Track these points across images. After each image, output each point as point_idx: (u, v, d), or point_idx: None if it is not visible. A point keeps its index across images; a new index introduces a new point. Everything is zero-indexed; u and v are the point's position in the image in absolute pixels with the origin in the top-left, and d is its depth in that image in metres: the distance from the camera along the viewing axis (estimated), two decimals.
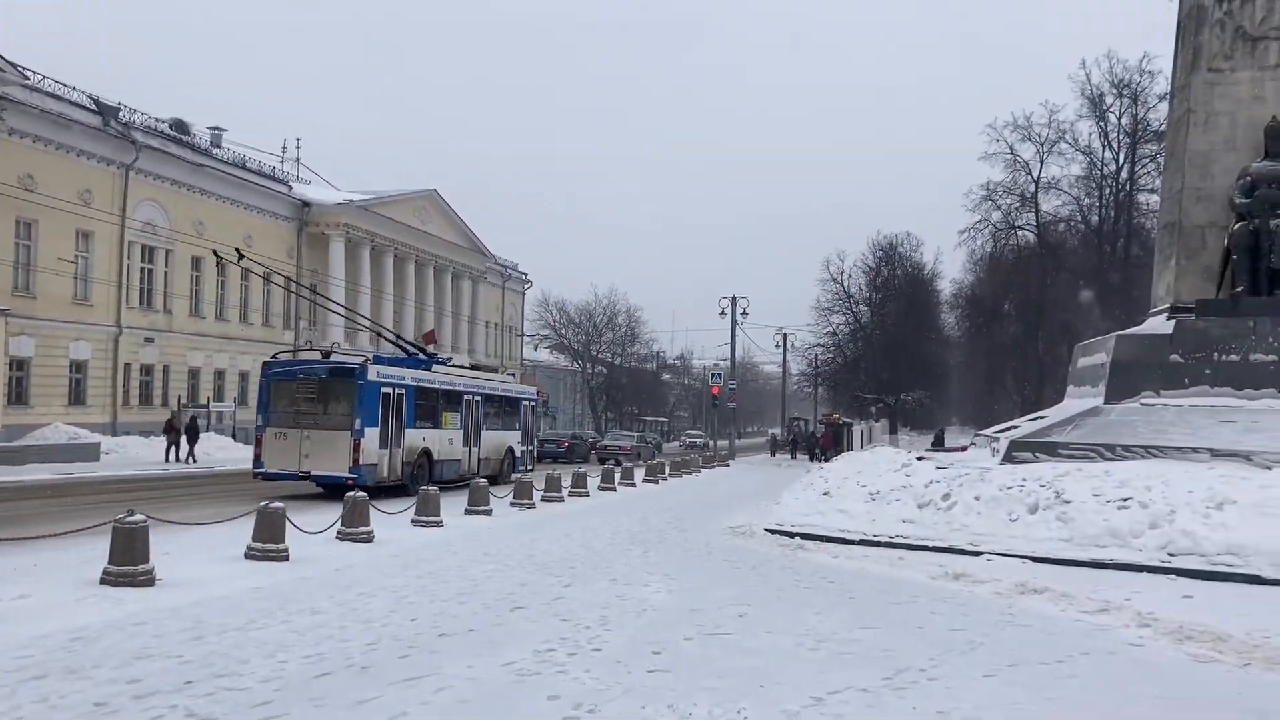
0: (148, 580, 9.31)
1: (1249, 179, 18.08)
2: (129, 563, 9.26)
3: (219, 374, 43.92)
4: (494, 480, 22.08)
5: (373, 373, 20.34)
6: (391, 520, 14.56)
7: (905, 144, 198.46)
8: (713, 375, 60.70)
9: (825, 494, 16.95)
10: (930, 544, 13.67)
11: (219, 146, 45.75)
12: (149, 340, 39.13)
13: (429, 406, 22.49)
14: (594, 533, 15.50)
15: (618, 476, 26.08)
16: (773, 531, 15.40)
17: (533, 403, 29.73)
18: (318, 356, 21.35)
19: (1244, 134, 18.67)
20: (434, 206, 58.88)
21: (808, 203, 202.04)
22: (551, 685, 6.40)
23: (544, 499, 20.33)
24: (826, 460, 33.97)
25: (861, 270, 63.79)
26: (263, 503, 11.63)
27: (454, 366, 26.18)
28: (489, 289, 67.70)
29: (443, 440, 23.07)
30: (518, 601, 9.37)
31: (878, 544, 14.05)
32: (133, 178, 38.27)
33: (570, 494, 21.86)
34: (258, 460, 20.33)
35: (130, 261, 38.73)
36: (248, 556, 11.12)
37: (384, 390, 20.51)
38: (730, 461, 47.08)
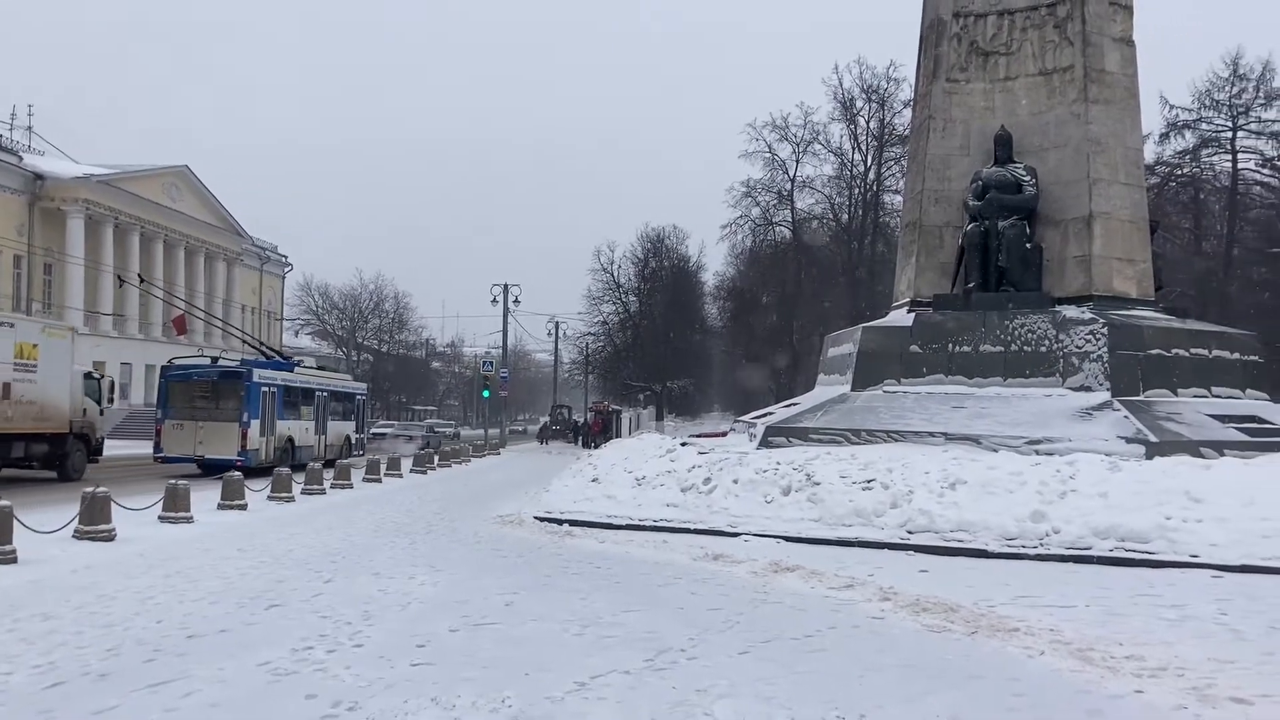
0: None
1: (980, 183, 19.59)
2: None
3: None
4: (330, 464, 25.04)
5: (257, 375, 25.23)
6: (136, 517, 13.66)
7: (673, 140, 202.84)
8: (484, 363, 60.24)
9: (594, 480, 17.18)
10: (692, 526, 14.11)
11: None
12: None
13: (293, 402, 27.35)
14: (357, 526, 15.09)
15: (384, 467, 25.49)
16: (542, 519, 15.47)
17: (364, 397, 34.76)
18: (206, 362, 25.73)
19: (977, 141, 20.23)
20: (186, 184, 55.51)
21: (580, 192, 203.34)
22: (310, 684, 6.20)
23: (304, 492, 19.61)
24: (596, 447, 34.42)
25: (631, 261, 65.07)
26: None
27: (306, 369, 31.01)
28: (246, 271, 64.51)
29: (302, 430, 27.91)
30: (274, 599, 9.00)
31: (643, 528, 14.38)
32: None
33: (333, 486, 21.20)
34: (158, 446, 24.64)
35: None
36: None
37: (263, 389, 25.26)
38: (501, 450, 46.92)
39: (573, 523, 14.96)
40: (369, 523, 15.51)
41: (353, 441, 32.19)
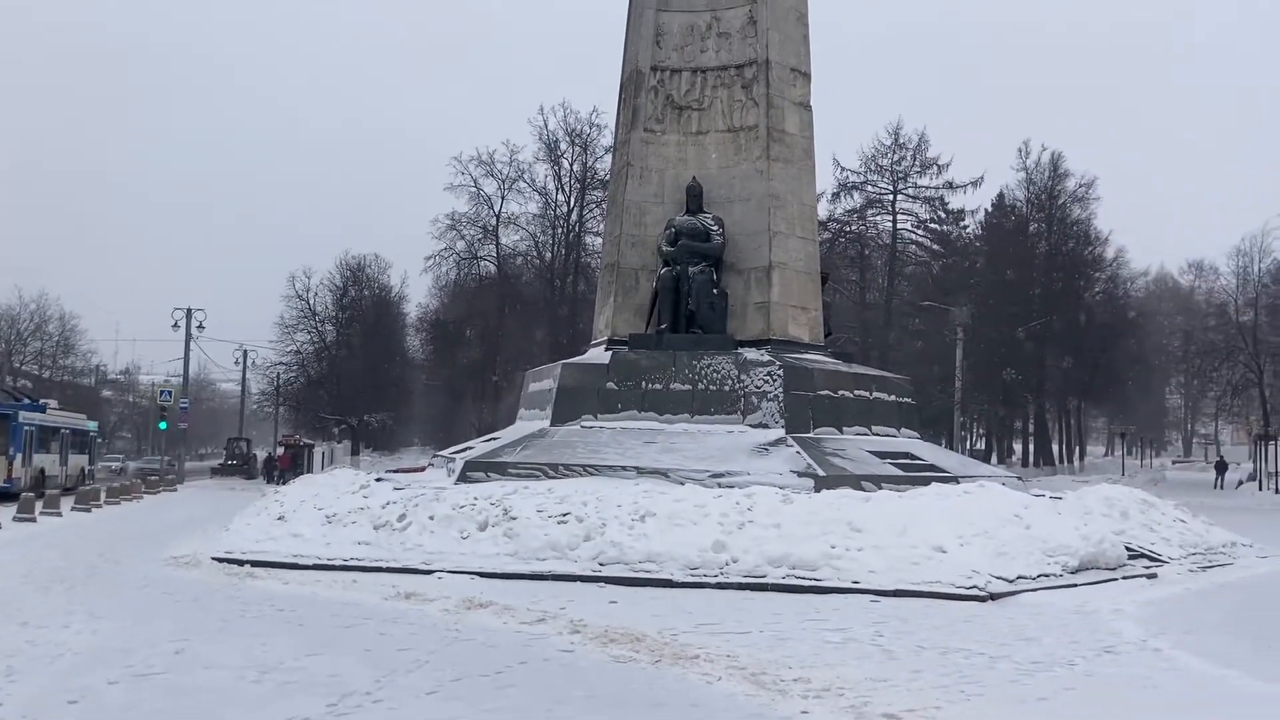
0: None
1: (674, 230, 20.57)
2: None
3: None
4: (68, 491, 29.60)
5: (21, 417, 30.74)
6: None
7: (374, 166, 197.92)
8: (162, 393, 56.04)
9: (280, 518, 16.38)
10: (385, 565, 13.75)
11: None
12: None
13: (45, 439, 32.98)
14: (3, 571, 13.56)
15: (39, 506, 23.08)
16: (221, 560, 14.54)
17: (96, 434, 42.13)
18: None
19: (671, 190, 21.25)
20: None
21: (275, 217, 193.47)
22: None
23: None
24: (284, 483, 32.82)
25: (329, 289, 62.92)
26: None
27: (54, 410, 35.93)
28: None
29: (51, 461, 33.33)
30: None
31: (332, 568, 13.83)
32: None
33: None
34: None
35: None
36: None
37: (25, 428, 30.62)
38: (178, 486, 43.71)
39: (255, 563, 14.16)
40: (18, 568, 13.95)
41: (86, 472, 38.07)
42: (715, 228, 20.48)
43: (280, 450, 52.73)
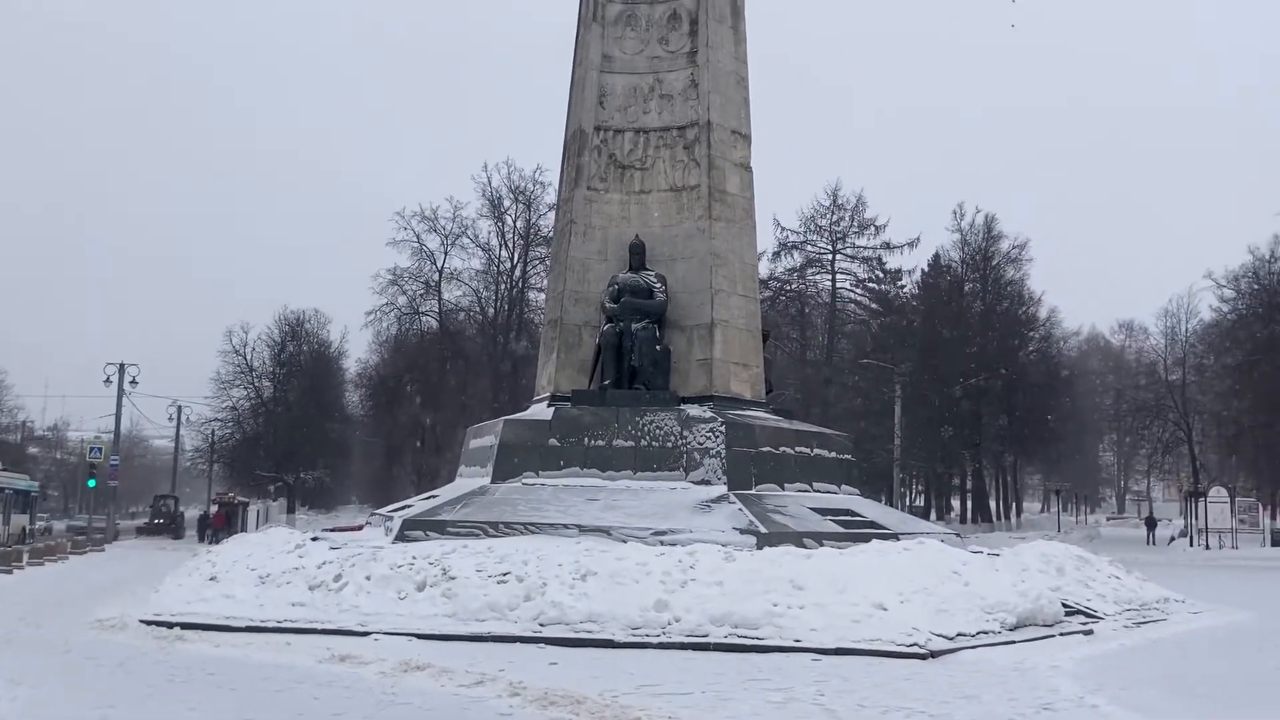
0: None
1: (616, 287, 20.66)
2: None
3: None
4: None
5: None
6: None
7: (312, 221, 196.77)
8: (92, 449, 54.65)
9: (212, 579, 15.96)
10: (320, 626, 13.42)
11: None
12: None
13: None
14: None
15: None
16: (149, 622, 14.10)
17: (37, 494, 46.26)
18: None
19: (614, 247, 21.37)
20: None
21: (214, 270, 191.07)
22: None
23: None
24: (218, 542, 32.02)
25: (266, 344, 62.12)
26: None
27: None
28: None
29: None
30: None
31: (265, 629, 13.48)
32: None
33: None
34: None
35: None
36: None
37: None
38: (107, 545, 42.46)
39: (185, 626, 13.75)
40: None
41: (27, 530, 41.05)
42: (658, 285, 20.61)
43: (214, 508, 51.58)
